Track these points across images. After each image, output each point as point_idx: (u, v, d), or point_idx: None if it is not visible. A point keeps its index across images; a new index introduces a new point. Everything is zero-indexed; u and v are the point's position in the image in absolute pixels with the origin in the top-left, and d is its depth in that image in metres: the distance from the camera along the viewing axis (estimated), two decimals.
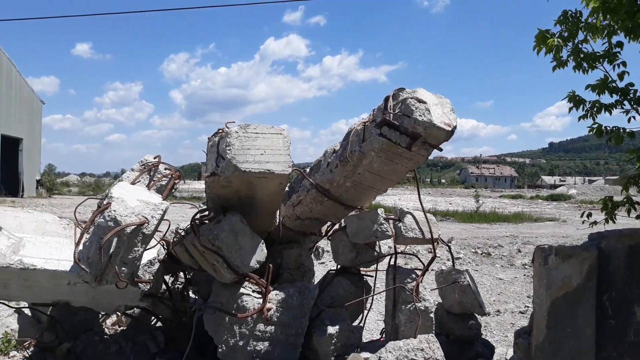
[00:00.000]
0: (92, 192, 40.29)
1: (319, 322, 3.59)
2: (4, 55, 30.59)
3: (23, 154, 32.58)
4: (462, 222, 19.17)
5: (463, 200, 33.61)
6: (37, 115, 35.76)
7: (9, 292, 3.48)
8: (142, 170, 3.43)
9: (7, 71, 30.99)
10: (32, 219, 3.62)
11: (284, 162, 2.97)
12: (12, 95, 31.61)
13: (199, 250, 3.29)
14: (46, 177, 37.60)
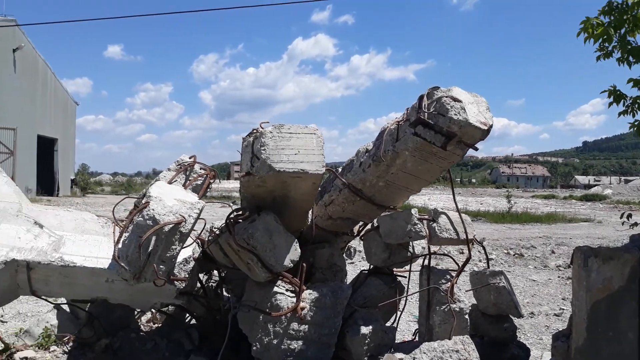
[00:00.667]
0: (124, 192, 41.14)
1: (352, 322, 3.59)
2: (39, 57, 31.43)
3: (58, 154, 33.44)
4: (493, 223, 18.91)
5: (494, 200, 33.12)
6: (72, 116, 36.67)
7: (49, 288, 3.58)
8: (178, 170, 3.48)
9: (42, 73, 31.83)
10: (71, 217, 3.71)
11: (317, 162, 2.98)
12: (48, 96, 32.48)
13: (233, 249, 3.33)
14: (80, 177, 38.51)
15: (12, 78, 28.05)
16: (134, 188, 46.05)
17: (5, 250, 3.31)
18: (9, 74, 27.81)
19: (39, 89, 31.28)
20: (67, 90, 35.95)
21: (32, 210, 3.64)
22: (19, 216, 3.55)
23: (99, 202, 27.89)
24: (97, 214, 3.79)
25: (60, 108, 34.22)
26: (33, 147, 29.90)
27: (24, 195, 3.87)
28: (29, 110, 29.74)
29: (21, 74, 28.92)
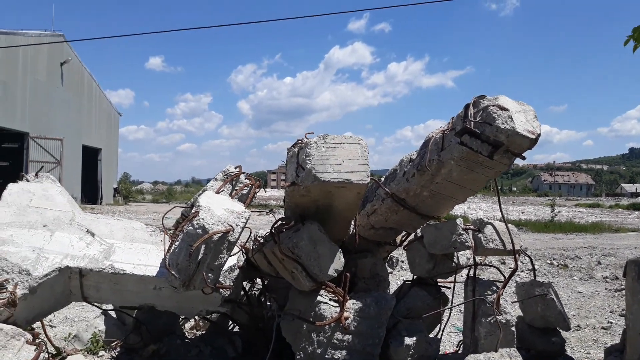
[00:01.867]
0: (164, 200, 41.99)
1: (396, 333, 3.57)
2: (85, 70, 32.55)
3: (102, 163, 34.48)
4: (535, 232, 18.45)
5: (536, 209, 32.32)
6: (115, 127, 37.77)
7: (100, 294, 3.69)
8: (225, 180, 3.55)
9: (88, 85, 32.94)
10: (121, 226, 3.82)
11: (362, 171, 2.99)
12: (93, 108, 33.58)
13: (278, 258, 3.36)
14: (122, 185, 39.56)
15: (60, 91, 29.13)
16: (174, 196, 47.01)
17: (60, 258, 3.44)
18: (57, 86, 28.90)
19: (84, 101, 32.36)
20: (111, 102, 37.08)
21: (84, 219, 3.77)
22: (72, 225, 3.68)
23: (141, 210, 28.55)
24: (145, 223, 3.89)
25: (104, 119, 35.32)
26: (78, 157, 30.91)
27: (77, 204, 4.01)
28: (75, 121, 30.80)
29: (68, 86, 30.01)
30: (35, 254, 3.41)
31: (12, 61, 24.46)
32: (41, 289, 3.36)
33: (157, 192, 56.18)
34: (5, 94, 24.05)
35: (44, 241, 3.51)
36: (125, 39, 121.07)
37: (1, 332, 3.07)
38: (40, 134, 26.70)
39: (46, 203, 3.78)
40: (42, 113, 27.22)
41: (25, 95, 25.82)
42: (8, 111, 24.36)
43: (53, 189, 3.91)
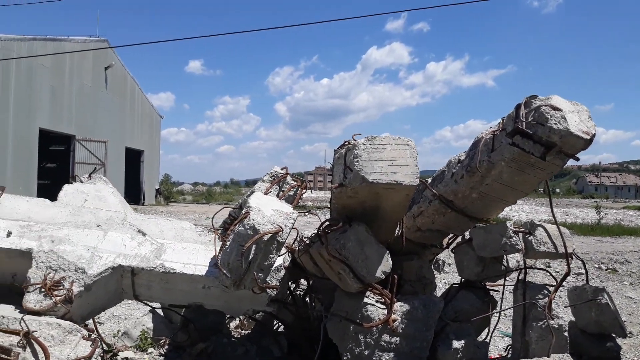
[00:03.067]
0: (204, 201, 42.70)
1: (444, 336, 3.53)
2: (128, 74, 33.42)
3: (144, 164, 35.33)
4: (581, 235, 17.91)
5: (581, 211, 31.37)
6: (157, 129, 38.65)
7: (151, 293, 3.78)
8: (272, 182, 3.59)
9: (131, 89, 33.81)
10: (171, 226, 3.90)
11: (411, 173, 2.96)
12: (135, 111, 34.45)
13: (324, 259, 3.37)
14: (164, 186, 40.42)
15: (104, 94, 30.00)
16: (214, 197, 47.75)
17: (113, 257, 3.54)
18: (102, 90, 29.77)
19: (127, 104, 33.23)
20: (153, 105, 37.95)
21: (135, 219, 3.87)
22: (124, 224, 3.78)
23: (182, 210, 29.11)
24: (195, 223, 3.96)
25: (146, 121, 36.19)
26: (122, 159, 31.76)
27: (128, 205, 4.12)
28: (119, 124, 31.67)
29: (112, 90, 30.88)
30: (89, 253, 3.52)
31: (60, 66, 25.33)
32: (95, 287, 3.47)
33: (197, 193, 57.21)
34: (53, 98, 24.93)
35: (98, 240, 3.62)
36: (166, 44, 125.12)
37: (59, 327, 3.18)
38: (86, 136, 27.55)
39: (99, 204, 3.89)
40: (88, 116, 28.09)
41: (72, 99, 26.69)
42: (56, 115, 25.23)
43: (106, 190, 4.03)
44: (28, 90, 22.72)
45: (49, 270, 3.38)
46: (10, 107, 21.48)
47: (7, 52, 20.94)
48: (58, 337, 3.15)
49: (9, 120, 21.43)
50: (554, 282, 3.72)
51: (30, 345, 3.05)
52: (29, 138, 22.96)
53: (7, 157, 21.34)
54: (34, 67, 23.03)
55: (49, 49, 24.10)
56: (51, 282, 3.32)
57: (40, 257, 3.42)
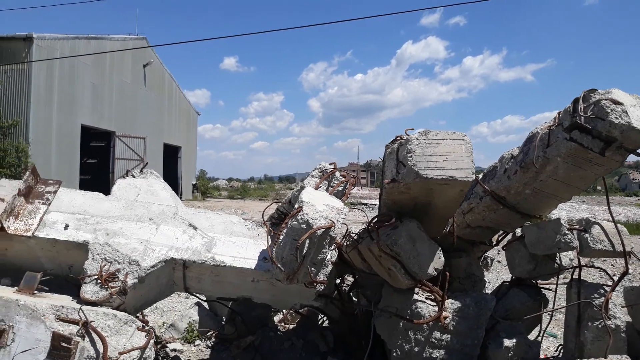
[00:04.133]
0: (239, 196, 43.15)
1: (495, 334, 3.47)
2: (166, 71, 33.97)
3: (181, 160, 35.89)
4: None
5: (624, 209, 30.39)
6: (193, 126, 39.20)
7: (201, 286, 3.85)
8: (322, 177, 3.59)
9: (169, 86, 34.37)
10: (221, 220, 3.96)
11: (467, 168, 2.92)
12: (173, 107, 35.01)
13: (374, 255, 3.36)
14: (200, 182, 41.01)
15: (143, 91, 30.59)
16: (248, 193, 48.20)
17: (165, 250, 3.61)
18: (140, 87, 30.35)
19: (165, 101, 33.80)
20: (190, 101, 38.49)
21: (186, 213, 3.93)
22: (176, 218, 3.85)
23: (218, 205, 29.49)
24: (243, 217, 4.01)
25: (183, 118, 36.75)
26: (160, 155, 32.33)
27: (179, 199, 4.19)
28: (157, 120, 32.25)
29: (150, 87, 31.45)
30: (143, 246, 3.60)
31: (100, 64, 25.92)
32: (148, 279, 3.55)
33: (232, 189, 57.87)
34: (94, 96, 25.54)
35: (151, 234, 3.70)
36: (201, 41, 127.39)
37: (115, 318, 3.26)
38: (126, 132, 28.13)
39: (151, 198, 3.98)
40: (127, 113, 28.68)
41: (112, 96, 27.29)
42: (97, 112, 25.85)
43: (157, 184, 4.11)
44: (71, 88, 23.34)
45: (105, 263, 3.47)
46: (54, 104, 22.11)
47: (51, 51, 21.56)
48: (114, 328, 3.23)
49: (52, 117, 22.06)
50: (610, 281, 3.62)
51: (89, 334, 3.14)
52: (71, 134, 23.59)
53: (52, 153, 21.99)
54: (76, 65, 23.63)
55: (91, 47, 24.70)
56: (107, 274, 3.42)
57: (96, 250, 3.52)
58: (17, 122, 19.66)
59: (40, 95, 21.06)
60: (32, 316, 3.19)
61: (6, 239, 3.68)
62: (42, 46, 21.05)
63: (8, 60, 20.17)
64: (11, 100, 20.33)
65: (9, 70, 20.11)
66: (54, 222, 3.70)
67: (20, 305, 3.21)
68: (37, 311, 3.19)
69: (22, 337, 3.16)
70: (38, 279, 3.51)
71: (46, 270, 3.71)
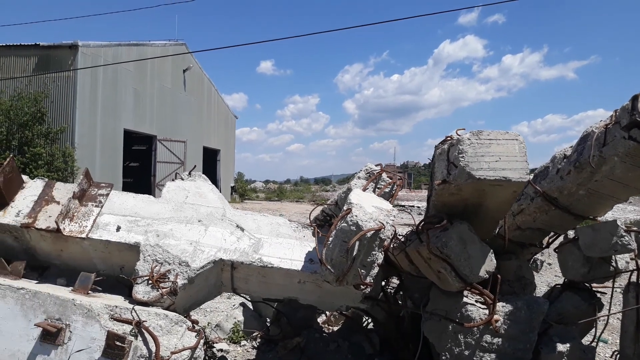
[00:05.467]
0: (276, 198, 43.47)
1: (547, 339, 3.38)
2: (205, 76, 34.55)
3: (220, 163, 36.44)
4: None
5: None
6: (232, 129, 39.75)
7: (248, 287, 3.88)
8: (368, 179, 3.58)
9: (208, 91, 34.95)
10: (267, 221, 3.99)
11: (520, 169, 2.85)
12: (212, 111, 35.59)
13: (423, 257, 3.32)
14: (238, 184, 41.51)
15: (183, 96, 31.19)
16: (285, 195, 48.52)
17: (214, 251, 3.66)
18: (180, 92, 30.96)
19: (204, 105, 34.38)
20: (228, 105, 39.03)
21: (234, 215, 3.98)
22: (224, 220, 3.90)
23: (256, 207, 29.78)
24: (289, 219, 4.03)
25: (222, 122, 37.31)
26: (199, 158, 32.90)
27: (227, 201, 4.25)
28: (197, 124, 32.83)
29: (190, 92, 32.04)
30: (192, 247, 3.66)
31: (142, 70, 26.57)
32: (198, 280, 3.60)
33: (268, 191, 58.40)
34: (136, 101, 26.19)
35: (200, 235, 3.75)
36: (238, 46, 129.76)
37: (167, 318, 3.32)
38: (166, 136, 28.73)
39: (200, 200, 4.04)
40: (168, 117, 29.29)
41: (154, 101, 27.92)
42: (139, 116, 26.49)
43: (205, 186, 4.17)
44: (114, 93, 24.01)
45: (155, 263, 3.54)
46: (98, 109, 22.78)
47: (95, 58, 22.22)
48: (165, 327, 3.29)
49: (97, 122, 22.73)
50: None
51: (141, 334, 3.21)
52: (114, 138, 24.25)
53: (96, 157, 22.65)
54: (119, 71, 24.28)
55: (132, 53, 25.35)
56: (158, 275, 3.48)
57: (147, 251, 3.59)
58: (65, 127, 20.32)
59: (85, 101, 21.73)
60: (87, 315, 3.28)
61: (62, 241, 3.81)
62: (87, 54, 21.71)
63: (55, 68, 20.90)
64: (58, 106, 21.04)
65: (56, 77, 20.83)
66: (107, 224, 3.80)
67: (77, 305, 3.30)
68: (92, 311, 3.28)
69: (78, 335, 3.25)
70: (92, 280, 3.62)
71: (99, 271, 3.82)
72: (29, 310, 3.35)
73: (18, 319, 3.34)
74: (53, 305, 3.34)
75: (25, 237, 3.90)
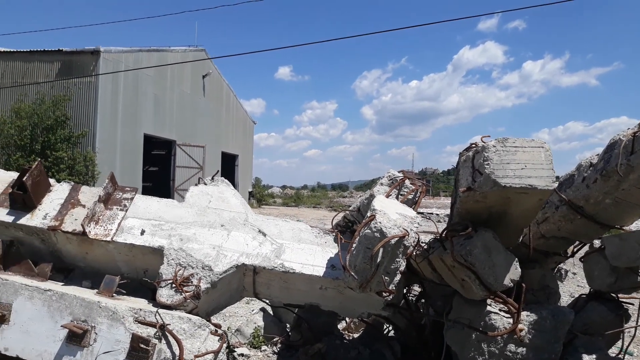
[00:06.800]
0: (294, 203, 43.55)
1: (573, 349, 3.34)
2: (224, 82, 34.84)
3: (238, 168, 36.66)
4: None
5: None
6: (250, 134, 40.00)
7: (270, 292, 3.90)
8: (392, 185, 3.57)
9: (226, 96, 35.23)
10: (289, 227, 4.00)
11: (547, 177, 2.83)
12: (231, 117, 35.87)
13: (446, 265, 3.30)
14: (256, 189, 41.70)
15: (202, 101, 31.48)
16: (302, 200, 48.59)
17: (237, 255, 3.69)
18: (200, 97, 31.25)
19: (223, 111, 34.65)
20: (246, 111, 39.28)
21: (256, 220, 4.00)
22: (246, 225, 3.93)
23: (274, 212, 29.85)
24: (310, 225, 4.04)
25: (240, 127, 37.57)
26: (218, 163, 33.12)
27: (248, 206, 4.27)
28: (215, 129, 33.10)
29: (209, 97, 32.32)
30: (215, 251, 3.69)
31: (162, 76, 26.88)
32: (220, 284, 3.63)
33: (286, 196, 58.55)
34: (156, 106, 26.49)
35: (222, 239, 3.78)
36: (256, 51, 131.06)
37: (190, 321, 3.35)
38: (186, 141, 28.99)
39: (222, 204, 4.07)
40: (187, 122, 29.57)
41: (173, 106, 28.21)
42: (159, 121, 26.78)
43: (228, 191, 4.21)
44: (134, 98, 24.31)
45: (179, 267, 3.57)
46: (119, 114, 23.08)
47: (116, 63, 22.54)
48: (189, 331, 3.32)
49: (117, 127, 23.03)
50: None
51: (165, 337, 3.24)
52: (134, 143, 24.53)
53: (116, 161, 22.92)
54: (140, 77, 24.60)
55: (153, 58, 25.66)
56: (181, 279, 3.52)
57: (171, 255, 3.63)
58: (86, 132, 20.62)
59: (107, 105, 22.03)
60: (112, 318, 3.32)
61: (87, 243, 3.86)
62: (108, 59, 22.03)
63: (78, 73, 21.25)
64: (80, 111, 21.37)
65: (78, 82, 21.17)
66: (131, 228, 3.85)
67: (102, 307, 3.35)
68: (117, 313, 3.32)
69: (103, 337, 3.29)
70: (117, 282, 3.66)
71: (122, 274, 3.86)
72: (56, 311, 3.40)
73: (45, 320, 3.40)
74: (79, 307, 3.39)
75: (52, 240, 3.96)
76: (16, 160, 18.07)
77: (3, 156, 19.05)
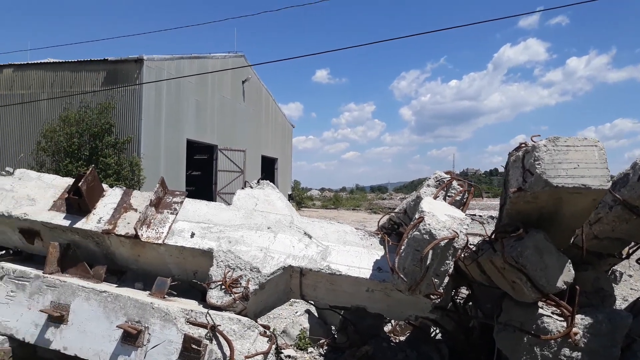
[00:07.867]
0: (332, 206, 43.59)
1: (631, 354, 3.23)
2: (263, 86, 35.22)
3: (278, 172, 36.98)
4: None
5: None
6: (288, 138, 40.29)
7: (316, 294, 3.92)
8: (439, 187, 3.55)
9: (265, 101, 35.60)
10: (334, 229, 4.02)
11: (601, 176, 2.76)
12: (270, 121, 36.22)
13: (496, 267, 3.25)
14: (295, 192, 41.94)
15: (242, 106, 31.91)
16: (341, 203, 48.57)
17: (283, 257, 3.73)
18: (240, 102, 31.68)
19: (262, 115, 35.03)
20: (285, 114, 39.59)
21: (301, 222, 4.04)
22: (292, 227, 3.96)
23: (313, 215, 29.95)
24: (355, 227, 4.04)
25: (279, 131, 37.89)
26: (258, 166, 33.51)
27: (294, 209, 4.32)
28: (255, 133, 33.49)
29: (249, 102, 32.73)
30: (262, 253, 3.74)
31: (203, 82, 27.39)
32: (268, 286, 3.68)
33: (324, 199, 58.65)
34: (198, 111, 27.01)
35: (269, 242, 3.83)
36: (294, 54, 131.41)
37: (239, 322, 3.41)
38: (227, 146, 29.44)
39: (268, 207, 4.13)
40: (228, 127, 30.03)
41: (214, 111, 28.70)
42: (200, 126, 27.29)
43: (273, 194, 4.26)
44: (177, 105, 24.85)
45: (228, 269, 3.64)
46: (162, 120, 23.64)
47: (159, 71, 23.11)
48: (239, 332, 3.38)
49: (161, 133, 23.59)
50: None
51: (216, 338, 3.31)
52: (178, 148, 25.08)
53: (160, 166, 23.48)
54: (182, 84, 25.14)
55: (194, 65, 26.19)
56: (230, 280, 3.58)
57: (220, 257, 3.70)
58: (131, 138, 21.21)
59: (150, 112, 22.60)
60: (165, 319, 3.41)
61: (139, 246, 3.98)
62: (151, 67, 22.60)
63: (122, 81, 21.90)
64: (125, 118, 22.00)
65: (122, 90, 21.81)
66: (181, 231, 3.95)
67: (155, 308, 3.45)
68: (169, 314, 3.41)
69: (156, 337, 3.39)
70: (168, 284, 3.76)
71: (173, 276, 3.96)
72: (111, 312, 3.52)
73: (101, 321, 3.52)
74: (133, 308, 3.50)
75: (106, 243, 4.10)
76: (65, 167, 18.75)
77: (53, 163, 19.79)
